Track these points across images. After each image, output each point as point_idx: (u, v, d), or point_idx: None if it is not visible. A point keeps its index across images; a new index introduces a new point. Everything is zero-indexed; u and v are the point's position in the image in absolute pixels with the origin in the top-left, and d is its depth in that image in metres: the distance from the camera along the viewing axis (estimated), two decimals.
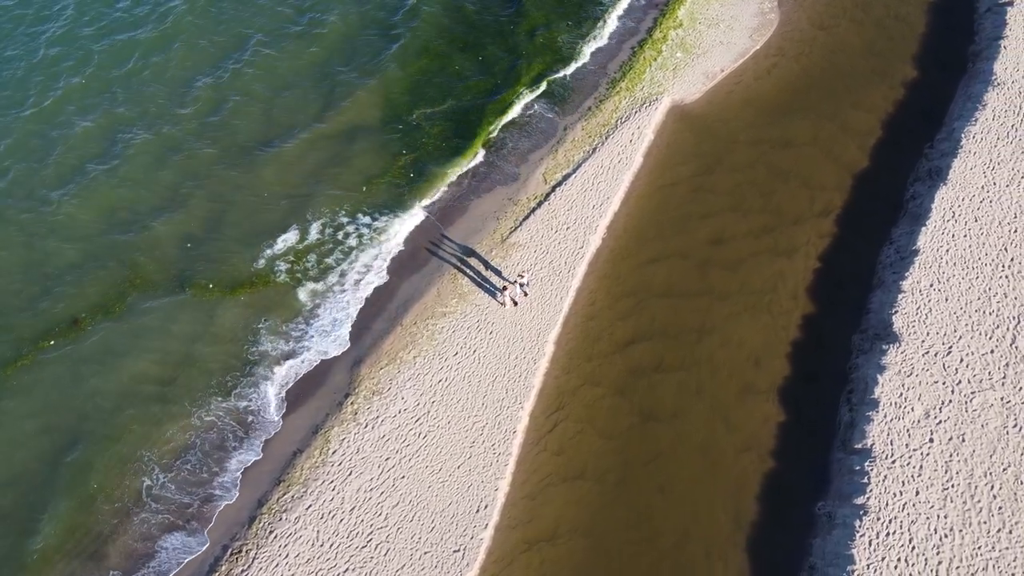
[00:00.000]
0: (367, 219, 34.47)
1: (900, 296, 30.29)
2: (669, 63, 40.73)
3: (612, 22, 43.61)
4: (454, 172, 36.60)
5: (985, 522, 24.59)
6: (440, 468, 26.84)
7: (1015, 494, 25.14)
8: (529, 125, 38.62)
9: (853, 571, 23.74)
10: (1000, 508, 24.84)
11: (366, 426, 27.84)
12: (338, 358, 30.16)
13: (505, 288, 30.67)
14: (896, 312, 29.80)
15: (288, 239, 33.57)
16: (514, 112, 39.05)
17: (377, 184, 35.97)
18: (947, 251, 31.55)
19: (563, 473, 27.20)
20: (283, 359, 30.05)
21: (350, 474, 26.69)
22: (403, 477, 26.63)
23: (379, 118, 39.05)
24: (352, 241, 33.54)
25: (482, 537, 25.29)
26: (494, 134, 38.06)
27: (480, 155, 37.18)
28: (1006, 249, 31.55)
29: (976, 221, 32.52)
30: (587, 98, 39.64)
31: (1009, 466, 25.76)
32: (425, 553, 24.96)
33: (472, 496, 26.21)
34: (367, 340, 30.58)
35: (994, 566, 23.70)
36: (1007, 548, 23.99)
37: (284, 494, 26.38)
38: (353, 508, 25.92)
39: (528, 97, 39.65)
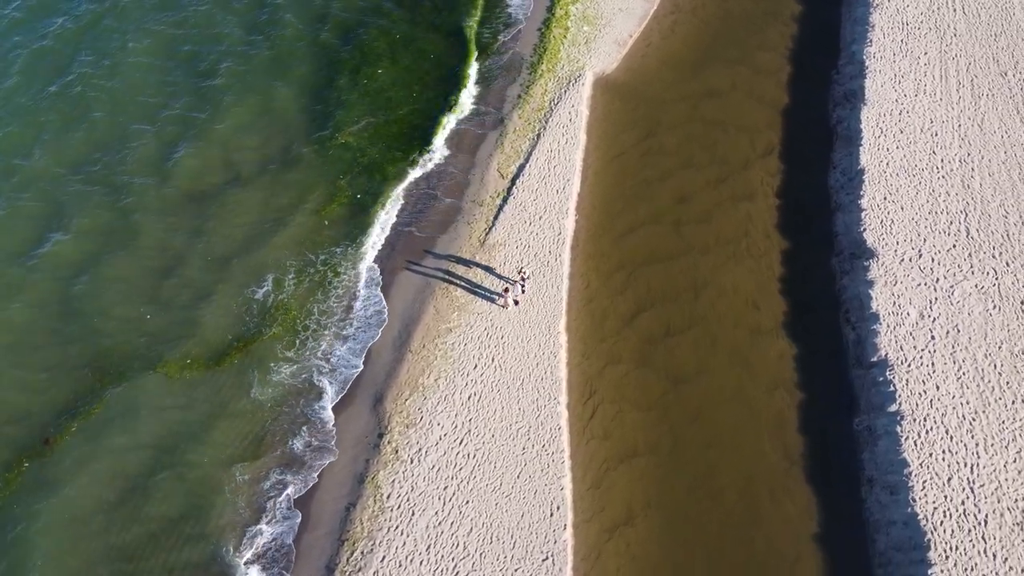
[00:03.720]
0: (336, 249, 32.83)
1: (863, 214, 32.47)
2: (579, 38, 41.23)
3: (512, 5, 43.53)
4: (405, 183, 35.45)
5: (1000, 398, 27.05)
6: (500, 483, 26.34)
7: (1015, 367, 27.79)
8: (462, 122, 37.96)
9: (910, 473, 25.49)
10: (1008, 383, 27.40)
11: (411, 461, 26.82)
12: (356, 400, 28.73)
13: (507, 289, 30.29)
14: (864, 229, 31.94)
15: (260, 290, 31.39)
16: (443, 113, 38.23)
17: (332, 212, 34.28)
18: (888, 164, 34.07)
19: (617, 455, 27.42)
20: (298, 417, 28.26)
21: (413, 514, 25.68)
22: (467, 502, 25.93)
23: (304, 144, 37.08)
24: (329, 277, 31.88)
25: (565, 539, 25.12)
26: (432, 139, 37.11)
27: (426, 161, 36.20)
28: (934, 152, 34.47)
29: (902, 132, 35.28)
30: (513, 85, 39.46)
31: (1002, 344, 28.41)
32: (516, 570, 24.50)
33: (541, 501, 25.94)
34: (379, 375, 29.31)
35: (1020, 435, 26.14)
36: None
37: (352, 552, 25.01)
38: (428, 546, 25.00)
39: (453, 96, 38.91)
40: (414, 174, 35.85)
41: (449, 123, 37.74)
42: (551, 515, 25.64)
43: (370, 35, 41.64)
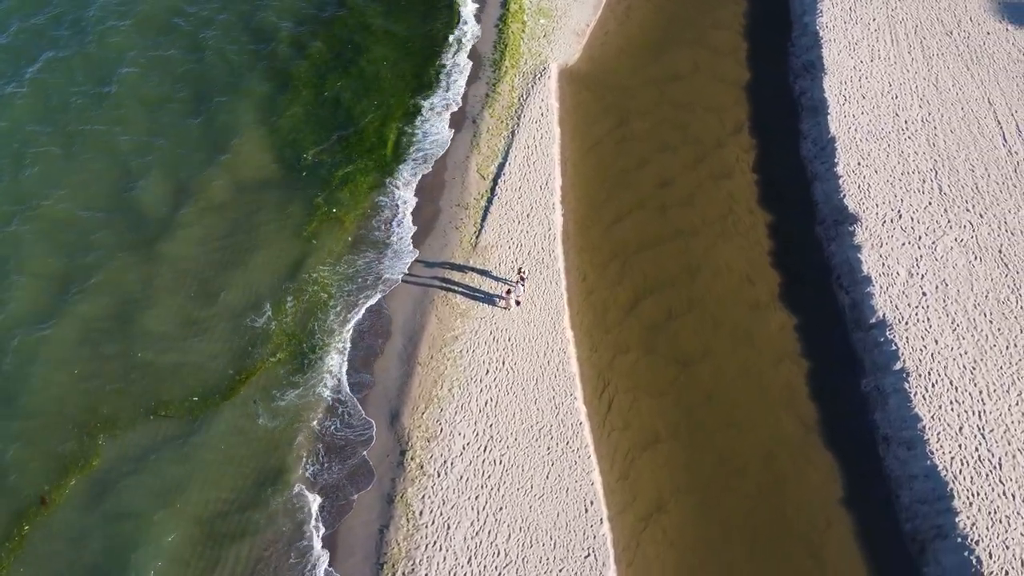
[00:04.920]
0: (324, 268, 31.99)
1: (840, 181, 33.36)
2: (537, 31, 41.16)
3: (464, 4, 43.19)
4: (382, 194, 34.79)
5: (995, 345, 28.22)
6: (530, 485, 26.23)
7: (1003, 314, 29.02)
8: (432, 126, 37.48)
9: (924, 427, 26.38)
10: (999, 329, 28.60)
11: (438, 475, 26.47)
12: (372, 419, 28.15)
13: (509, 291, 30.10)
14: (844, 196, 32.83)
15: (261, 318, 30.37)
16: (413, 119, 37.68)
17: (314, 230, 33.35)
18: (856, 131, 35.07)
19: (640, 444, 27.60)
20: (318, 440, 27.55)
21: (448, 527, 25.37)
22: (501, 508, 25.75)
23: (273, 167, 35.91)
24: (324, 297, 31.08)
25: (603, 533, 25.19)
26: (405, 147, 36.56)
27: (402, 170, 35.61)
28: (897, 114, 35.64)
29: (864, 98, 36.35)
30: (479, 83, 39.14)
31: (988, 292, 29.63)
32: (560, 570, 24.45)
33: (573, 499, 25.94)
34: (392, 391, 28.76)
35: (1019, 378, 27.33)
36: (1021, 360, 27.72)
37: (392, 575, 24.56)
38: (470, 558, 24.74)
39: (420, 100, 38.40)
40: (391, 183, 35.20)
41: (418, 127, 37.23)
42: (586, 511, 25.67)
43: (319, 47, 40.71)
